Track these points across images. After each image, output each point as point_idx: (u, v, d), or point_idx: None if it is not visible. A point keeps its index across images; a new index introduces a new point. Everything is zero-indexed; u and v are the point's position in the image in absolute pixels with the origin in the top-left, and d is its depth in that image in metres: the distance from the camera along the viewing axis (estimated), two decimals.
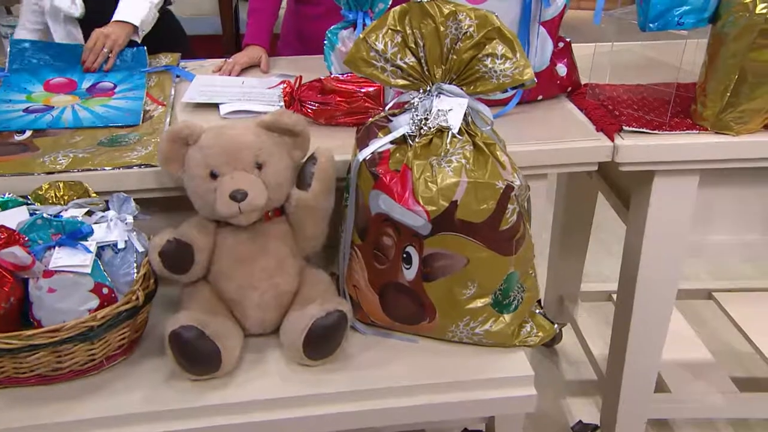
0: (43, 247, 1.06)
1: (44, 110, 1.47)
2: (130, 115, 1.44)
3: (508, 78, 1.08)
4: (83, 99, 1.53)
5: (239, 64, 1.73)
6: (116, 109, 1.47)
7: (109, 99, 1.53)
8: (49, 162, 1.25)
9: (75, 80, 1.61)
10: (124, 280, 1.11)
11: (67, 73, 1.63)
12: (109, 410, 1.06)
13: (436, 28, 1.08)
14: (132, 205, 1.14)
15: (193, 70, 1.73)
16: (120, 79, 1.62)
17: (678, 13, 1.29)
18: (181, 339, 1.04)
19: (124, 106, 1.49)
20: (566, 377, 2.26)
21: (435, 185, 1.05)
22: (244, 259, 1.14)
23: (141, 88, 1.57)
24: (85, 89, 1.58)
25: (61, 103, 1.51)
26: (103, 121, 1.42)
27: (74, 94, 1.56)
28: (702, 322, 2.34)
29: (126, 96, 1.54)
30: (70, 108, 1.48)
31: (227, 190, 1.08)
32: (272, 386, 1.10)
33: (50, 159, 1.26)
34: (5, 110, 1.46)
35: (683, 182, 1.39)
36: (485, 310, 1.13)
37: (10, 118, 1.43)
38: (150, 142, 1.31)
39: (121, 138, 1.35)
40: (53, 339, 1.03)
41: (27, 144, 1.34)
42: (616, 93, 1.53)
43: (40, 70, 1.63)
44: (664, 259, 1.48)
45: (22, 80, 1.58)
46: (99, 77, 1.63)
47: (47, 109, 1.47)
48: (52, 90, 1.57)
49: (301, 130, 1.16)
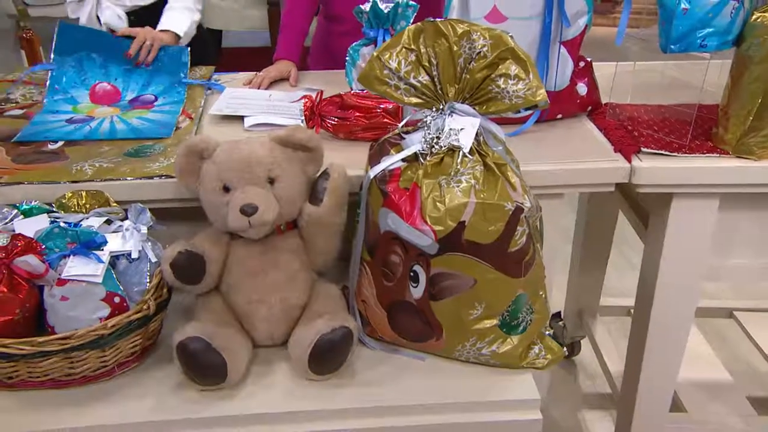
0: (58, 256, 1.02)
1: (85, 120, 1.44)
2: (164, 128, 1.40)
3: (520, 99, 1.00)
4: (123, 111, 1.50)
5: (268, 78, 1.69)
6: (151, 122, 1.44)
7: (148, 111, 1.49)
8: (75, 171, 1.22)
9: (119, 88, 1.58)
10: (137, 289, 1.06)
11: (112, 74, 1.59)
12: (118, 418, 1.02)
13: (450, 47, 1.01)
14: (147, 215, 1.09)
15: (226, 82, 1.69)
16: (161, 92, 1.59)
17: (701, 35, 1.20)
18: (187, 350, 1.00)
19: (160, 119, 1.45)
20: (583, 390, 2.16)
21: (443, 205, 0.98)
22: (254, 272, 1.09)
23: (180, 103, 1.53)
24: (127, 101, 1.55)
25: (102, 114, 1.48)
26: (136, 134, 1.38)
27: (116, 105, 1.53)
28: (722, 342, 2.21)
29: (163, 109, 1.51)
30: (109, 119, 1.45)
31: (238, 204, 1.03)
32: (277, 400, 1.04)
33: (77, 168, 1.23)
34: (50, 120, 1.44)
35: (702, 205, 1.29)
36: (492, 331, 1.06)
37: (51, 128, 1.40)
38: (173, 153, 1.27)
39: (147, 149, 1.31)
40: (64, 346, 0.99)
41: (58, 153, 1.31)
42: (637, 113, 1.44)
43: (85, 66, 1.58)
44: (681, 281, 1.39)
45: (69, 84, 1.56)
46: (142, 89, 1.59)
47: (88, 120, 1.44)
48: (98, 101, 1.55)
49: (315, 146, 1.10)
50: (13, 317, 0.99)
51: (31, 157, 1.28)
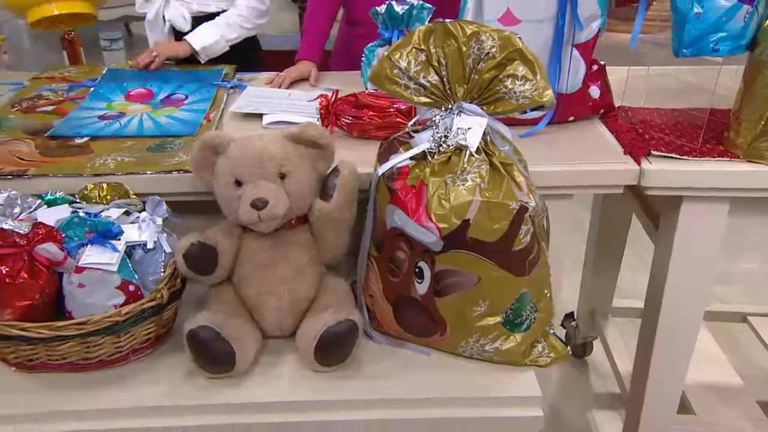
0: (77, 245, 1.03)
1: (116, 117, 1.45)
2: (189, 127, 1.40)
3: (527, 99, 0.99)
4: (154, 108, 1.51)
5: (289, 78, 1.69)
6: (178, 120, 1.44)
7: (176, 110, 1.50)
8: (98, 164, 1.23)
9: (153, 90, 1.60)
10: (151, 279, 1.07)
11: (149, 83, 1.63)
12: (132, 401, 1.03)
13: (459, 48, 1.00)
14: (164, 208, 1.10)
15: (249, 81, 1.70)
16: (192, 91, 1.60)
17: (713, 39, 1.17)
18: (197, 338, 1.00)
19: (187, 117, 1.45)
20: (594, 390, 2.13)
21: (448, 203, 0.97)
22: (264, 264, 1.09)
23: (208, 101, 1.53)
24: (159, 100, 1.57)
25: (134, 111, 1.49)
26: (162, 131, 1.38)
27: (148, 103, 1.55)
28: (734, 345, 2.16)
29: (192, 108, 1.51)
30: (138, 116, 1.46)
31: (249, 198, 1.03)
32: (283, 390, 1.04)
33: (100, 162, 1.24)
34: (83, 116, 1.46)
35: (712, 209, 1.26)
36: (496, 328, 1.04)
37: (83, 124, 1.42)
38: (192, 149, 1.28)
39: (168, 144, 1.32)
40: (80, 331, 1.00)
41: (83, 147, 1.32)
42: (650, 117, 1.41)
43: (126, 81, 1.65)
44: (690, 283, 1.35)
45: (109, 90, 1.60)
46: (174, 88, 1.61)
47: (119, 116, 1.46)
48: (131, 99, 1.57)
49: (326, 143, 1.10)
50: (33, 302, 1.00)
51: (57, 150, 1.30)
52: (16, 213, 1.08)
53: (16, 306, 0.99)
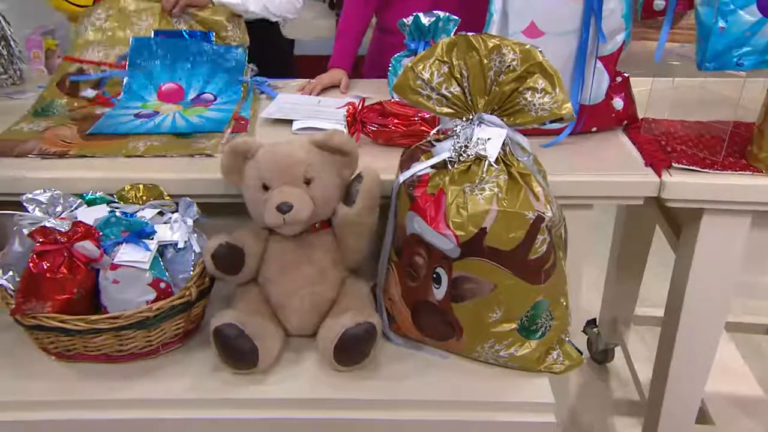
0: (113, 243, 1.06)
1: (151, 116, 1.50)
2: (218, 124, 1.44)
3: (546, 112, 0.98)
4: (185, 108, 1.55)
5: (320, 84, 1.71)
6: (207, 119, 1.48)
7: (206, 109, 1.54)
8: (131, 147, 1.31)
9: (183, 87, 1.63)
10: (181, 277, 1.10)
11: (177, 75, 1.64)
12: (161, 393, 1.05)
13: (480, 60, 1.00)
14: (194, 209, 1.13)
15: (281, 88, 1.72)
16: (220, 90, 1.62)
17: (737, 54, 1.15)
18: (222, 335, 1.02)
19: (216, 117, 1.49)
20: (615, 397, 2.11)
21: (466, 211, 0.97)
22: (288, 266, 1.10)
23: (234, 102, 1.57)
24: (189, 100, 1.60)
25: (167, 110, 1.53)
26: (193, 128, 1.43)
27: (180, 104, 1.58)
28: (759, 358, 2.11)
29: (220, 107, 1.55)
30: (171, 115, 1.50)
31: (275, 202, 1.05)
32: (304, 387, 1.06)
33: (133, 145, 1.32)
34: (120, 114, 1.51)
35: (733, 222, 1.24)
36: (511, 335, 1.04)
37: (121, 122, 1.47)
38: (215, 136, 1.37)
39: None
40: (113, 325, 1.03)
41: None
42: (673, 128, 1.39)
43: (153, 73, 1.64)
44: (710, 295, 1.33)
45: (141, 86, 1.62)
46: (203, 86, 1.63)
47: (153, 115, 1.50)
48: (164, 99, 1.60)
49: (350, 150, 1.11)
50: (71, 296, 1.03)
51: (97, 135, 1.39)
52: (59, 211, 1.12)
53: (55, 299, 1.02)
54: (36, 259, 1.01)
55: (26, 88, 1.75)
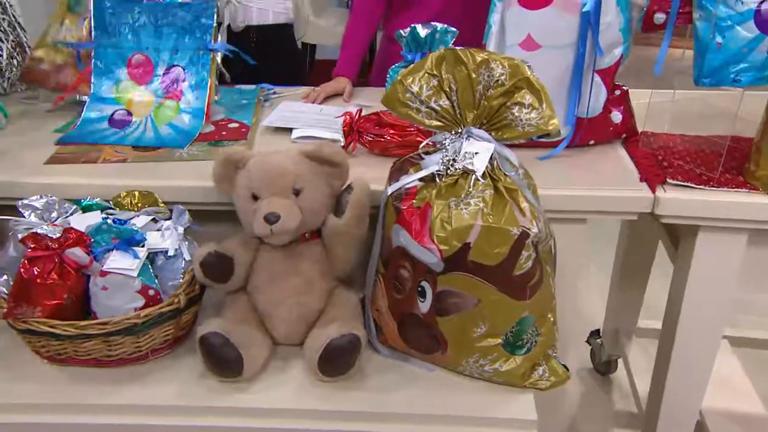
0: (103, 250, 1.06)
1: (124, 123, 1.46)
2: (183, 138, 1.40)
3: (533, 127, 0.96)
4: (156, 106, 1.50)
5: (324, 93, 1.70)
6: (176, 129, 1.44)
7: (176, 107, 1.49)
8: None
9: (151, 59, 1.54)
10: (171, 284, 1.09)
11: (143, 43, 1.54)
12: (148, 399, 1.05)
13: (469, 74, 0.98)
14: (186, 217, 1.12)
15: (287, 96, 1.72)
16: (188, 62, 1.52)
17: (734, 70, 1.12)
18: (207, 343, 1.01)
19: (185, 128, 1.44)
20: (615, 407, 2.06)
21: (450, 226, 0.95)
22: (276, 275, 1.09)
23: (204, 88, 1.49)
24: (160, 85, 1.52)
25: (140, 114, 1.49)
26: (159, 143, 1.39)
27: (150, 90, 1.52)
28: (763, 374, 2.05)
29: (190, 106, 1.48)
30: (143, 123, 1.46)
31: (263, 212, 1.04)
32: (288, 397, 1.04)
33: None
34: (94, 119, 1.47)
35: (730, 240, 1.20)
36: (495, 350, 1.02)
37: (94, 130, 1.44)
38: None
39: None
40: (102, 331, 1.03)
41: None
42: (672, 143, 1.35)
43: (121, 42, 1.55)
44: (706, 311, 1.29)
45: (111, 61, 1.54)
46: (171, 58, 1.53)
47: (126, 123, 1.46)
48: (135, 78, 1.53)
49: (340, 162, 1.10)
50: (61, 302, 1.03)
51: None
52: (54, 217, 1.12)
53: (45, 304, 1.02)
54: (27, 265, 1.01)
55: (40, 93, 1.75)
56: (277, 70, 1.88)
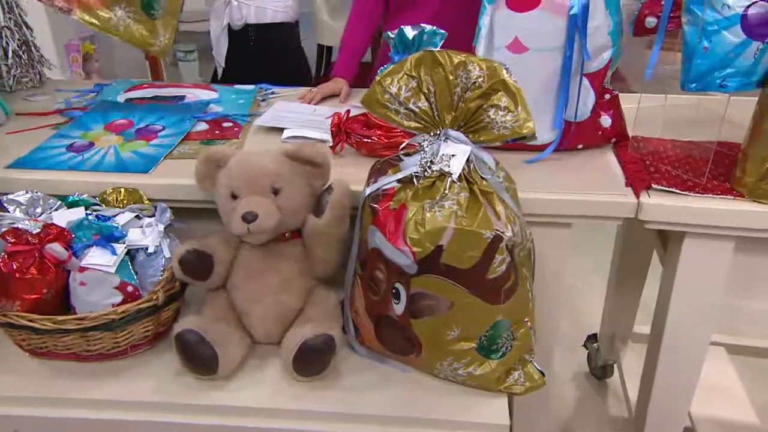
0: (83, 245, 1.05)
1: (83, 148, 1.34)
2: (146, 163, 1.28)
3: (507, 130, 0.94)
4: (125, 141, 1.38)
5: (321, 94, 1.68)
6: (140, 155, 1.31)
7: (145, 144, 1.36)
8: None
9: (133, 121, 1.47)
10: (150, 281, 1.09)
11: (133, 113, 1.51)
12: (125, 395, 1.05)
13: (446, 76, 0.96)
14: (167, 214, 1.12)
15: (285, 96, 1.71)
16: (171, 123, 1.46)
17: (721, 75, 1.08)
18: (183, 341, 1.01)
19: (151, 153, 1.32)
20: (610, 412, 2.03)
21: (423, 228, 0.93)
22: (254, 274, 1.08)
23: (180, 135, 1.39)
24: (134, 131, 1.43)
25: (104, 143, 1.36)
26: (120, 168, 1.26)
27: (122, 134, 1.41)
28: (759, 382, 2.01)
29: (162, 142, 1.37)
30: (105, 150, 1.33)
31: (240, 211, 1.03)
32: (263, 396, 1.03)
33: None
34: (54, 145, 1.35)
35: (716, 247, 1.17)
36: (469, 354, 1.00)
37: (48, 155, 1.31)
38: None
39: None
40: (80, 326, 1.03)
41: None
42: (662, 148, 1.32)
43: (114, 110, 1.53)
44: (692, 317, 1.26)
45: (91, 119, 1.48)
46: (155, 120, 1.47)
47: (86, 148, 1.34)
48: (109, 129, 1.44)
49: (321, 162, 1.08)
50: (40, 296, 1.03)
51: None
52: (38, 213, 1.12)
53: (24, 299, 1.02)
54: (6, 259, 1.01)
55: (45, 91, 1.77)
56: (279, 69, 1.87)
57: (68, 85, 1.82)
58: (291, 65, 2.18)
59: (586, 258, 2.55)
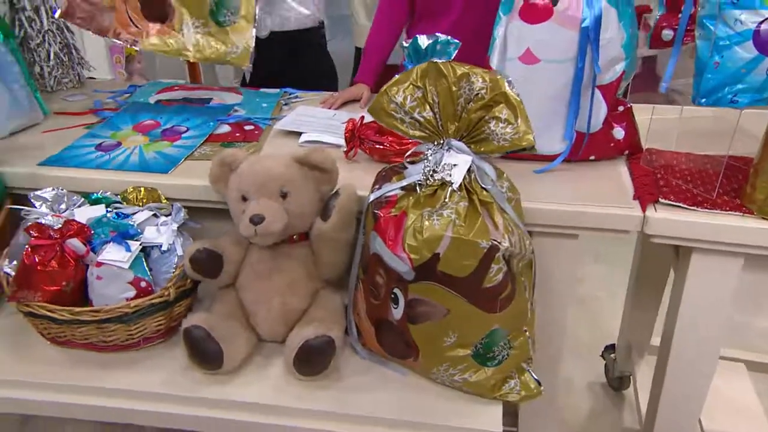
0: (101, 241, 1.09)
1: (111, 148, 1.38)
2: (167, 163, 1.31)
3: (507, 142, 0.94)
4: (151, 141, 1.42)
5: (341, 99, 1.70)
6: (163, 156, 1.34)
7: (169, 145, 1.40)
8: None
9: (160, 121, 1.51)
10: (163, 277, 1.12)
11: (161, 115, 1.54)
12: (133, 385, 1.08)
13: (449, 87, 0.97)
14: (182, 214, 1.15)
15: (307, 100, 1.73)
16: (195, 124, 1.49)
17: (732, 90, 1.06)
18: (190, 336, 1.04)
19: (173, 153, 1.35)
20: (624, 424, 1.99)
21: (421, 235, 0.94)
22: (261, 274, 1.11)
23: (202, 137, 1.42)
24: (160, 131, 1.46)
25: (130, 143, 1.40)
26: (143, 168, 1.30)
27: (148, 134, 1.45)
28: None
29: (184, 144, 1.40)
30: (130, 150, 1.37)
31: (249, 213, 1.05)
32: (266, 392, 1.06)
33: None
34: (83, 145, 1.40)
35: (724, 263, 1.14)
36: (465, 360, 1.00)
37: (77, 155, 1.35)
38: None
39: None
40: (95, 317, 1.07)
41: None
42: (676, 161, 1.30)
43: (143, 111, 1.56)
44: (700, 332, 1.23)
45: (120, 120, 1.52)
46: (181, 121, 1.51)
47: (114, 147, 1.38)
48: (137, 129, 1.48)
49: (329, 168, 1.10)
50: (60, 288, 1.07)
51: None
52: (62, 209, 1.16)
53: (45, 290, 1.07)
54: (30, 252, 1.06)
55: (83, 92, 1.83)
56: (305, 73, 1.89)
57: (107, 86, 1.89)
58: (316, 68, 2.20)
59: (612, 267, 2.51)
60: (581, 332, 2.33)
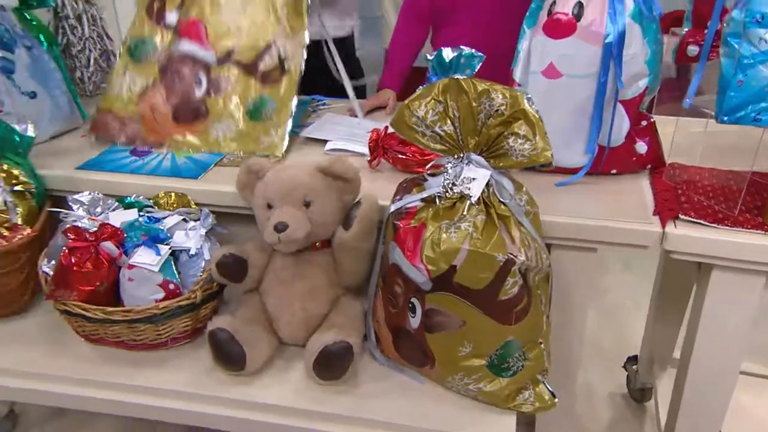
0: (133, 245, 1.14)
1: (145, 153, 1.43)
2: (197, 169, 1.35)
3: (525, 158, 0.95)
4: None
5: (368, 106, 1.73)
6: (193, 161, 1.39)
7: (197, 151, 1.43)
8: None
9: None
10: (191, 280, 1.16)
11: None
12: (159, 383, 1.12)
13: (470, 103, 0.98)
14: (209, 219, 1.18)
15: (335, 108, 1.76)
16: None
17: (756, 109, 1.05)
18: (215, 338, 1.07)
19: (203, 159, 1.39)
20: None
21: (438, 247, 0.96)
22: (284, 280, 1.13)
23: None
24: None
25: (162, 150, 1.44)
26: (174, 173, 1.34)
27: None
28: None
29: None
30: (162, 155, 1.42)
31: (273, 221, 1.08)
32: (286, 395, 1.08)
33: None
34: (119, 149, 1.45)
35: (745, 281, 1.13)
36: (480, 370, 1.01)
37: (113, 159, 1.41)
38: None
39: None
40: (126, 317, 1.11)
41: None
42: (699, 177, 1.29)
43: None
44: (719, 350, 1.22)
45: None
46: None
47: (146, 153, 1.43)
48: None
49: (351, 178, 1.12)
50: (94, 288, 1.12)
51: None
52: (98, 212, 1.21)
53: (80, 289, 1.11)
54: (67, 254, 1.11)
55: None
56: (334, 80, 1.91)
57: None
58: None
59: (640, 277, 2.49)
60: (606, 341, 2.31)
